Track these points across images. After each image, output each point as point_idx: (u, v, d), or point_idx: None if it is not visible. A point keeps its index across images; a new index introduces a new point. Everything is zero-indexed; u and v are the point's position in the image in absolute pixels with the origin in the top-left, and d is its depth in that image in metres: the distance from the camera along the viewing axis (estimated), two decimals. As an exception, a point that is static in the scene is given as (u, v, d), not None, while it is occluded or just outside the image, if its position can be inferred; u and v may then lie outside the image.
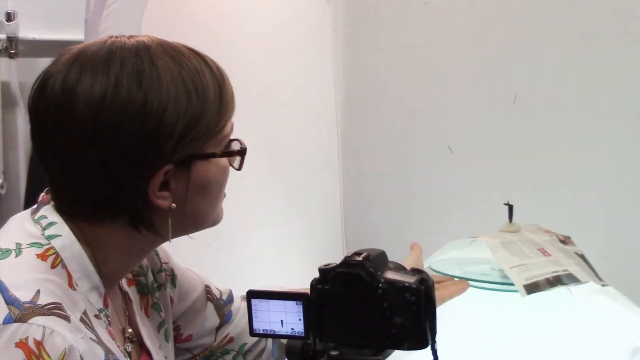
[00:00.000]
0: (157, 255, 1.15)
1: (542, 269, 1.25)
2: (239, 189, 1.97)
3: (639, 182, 1.74)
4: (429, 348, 0.89)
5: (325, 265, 0.91)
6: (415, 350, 0.89)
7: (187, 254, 1.79)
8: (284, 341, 1.21)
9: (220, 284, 1.24)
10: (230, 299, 1.23)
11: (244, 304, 1.23)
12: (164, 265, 1.15)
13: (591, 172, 1.84)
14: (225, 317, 1.21)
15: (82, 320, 0.90)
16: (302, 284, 0.99)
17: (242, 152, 1.02)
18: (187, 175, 0.96)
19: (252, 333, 0.96)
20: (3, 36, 2.08)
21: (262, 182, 2.03)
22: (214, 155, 0.97)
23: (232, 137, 1.01)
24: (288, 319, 0.93)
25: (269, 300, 0.94)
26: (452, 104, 2.05)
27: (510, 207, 1.39)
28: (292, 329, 0.93)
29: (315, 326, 0.92)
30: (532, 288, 1.22)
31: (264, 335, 0.96)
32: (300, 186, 2.16)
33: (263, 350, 1.23)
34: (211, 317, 1.20)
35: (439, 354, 0.90)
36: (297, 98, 2.15)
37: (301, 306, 0.92)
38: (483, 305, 1.33)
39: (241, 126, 2.16)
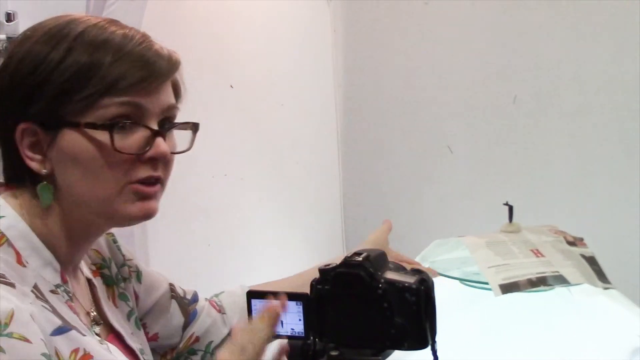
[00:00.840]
0: (120, 250, 1.15)
1: (526, 270, 1.26)
2: (239, 189, 1.98)
3: (638, 181, 1.75)
4: (429, 348, 0.89)
5: (325, 266, 0.91)
6: (415, 350, 0.89)
7: (187, 254, 1.79)
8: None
9: (190, 286, 1.24)
10: (195, 298, 1.23)
11: (208, 304, 1.24)
12: (127, 262, 1.15)
13: (591, 172, 1.84)
14: (189, 315, 1.21)
15: (32, 293, 0.89)
16: (302, 284, 0.99)
17: (110, 127, 0.92)
18: (54, 141, 0.94)
19: (252, 333, 0.95)
20: (3, 36, 2.08)
21: (262, 182, 2.03)
22: (77, 125, 0.92)
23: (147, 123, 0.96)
24: (288, 319, 0.93)
25: (269, 301, 0.94)
26: (452, 104, 2.05)
27: (510, 208, 1.39)
28: (292, 329, 0.93)
29: (315, 326, 0.92)
30: (509, 288, 1.22)
31: (264, 336, 0.96)
32: (300, 186, 2.16)
33: None
34: (176, 316, 1.19)
35: (439, 354, 0.90)
36: (297, 98, 2.15)
37: (301, 306, 0.92)
38: (483, 305, 1.32)
39: (242, 126, 2.17)
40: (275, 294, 0.94)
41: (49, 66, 0.92)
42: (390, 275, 0.90)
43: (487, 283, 1.29)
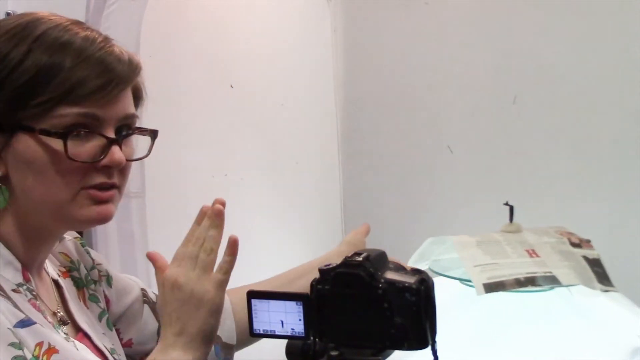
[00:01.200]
0: (89, 253, 1.15)
1: (516, 269, 1.25)
2: (239, 189, 1.98)
3: (638, 181, 1.74)
4: (429, 348, 0.89)
5: (326, 266, 0.91)
6: (415, 350, 0.89)
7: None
8: (229, 341, 1.20)
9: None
10: None
11: None
12: (96, 265, 1.15)
13: (591, 172, 1.84)
14: None
15: None
16: (302, 284, 0.99)
17: (62, 135, 0.92)
18: (10, 145, 0.93)
19: (252, 333, 0.96)
20: (3, 36, 2.08)
21: (262, 182, 2.03)
22: (32, 130, 0.92)
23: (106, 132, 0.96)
24: (288, 319, 0.93)
25: (269, 301, 0.94)
26: (452, 104, 2.05)
27: (511, 208, 1.39)
28: (293, 329, 0.93)
29: (315, 326, 0.92)
30: (493, 287, 1.22)
31: (264, 336, 0.96)
32: (300, 186, 2.16)
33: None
34: (149, 321, 1.19)
35: (439, 354, 0.90)
36: (297, 98, 2.15)
37: (301, 306, 0.92)
38: (483, 305, 1.32)
39: (242, 126, 2.17)
40: (275, 294, 0.94)
41: (7, 67, 0.92)
42: (390, 275, 0.90)
43: (487, 283, 1.29)
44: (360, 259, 0.89)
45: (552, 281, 1.24)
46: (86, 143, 0.94)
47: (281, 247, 2.08)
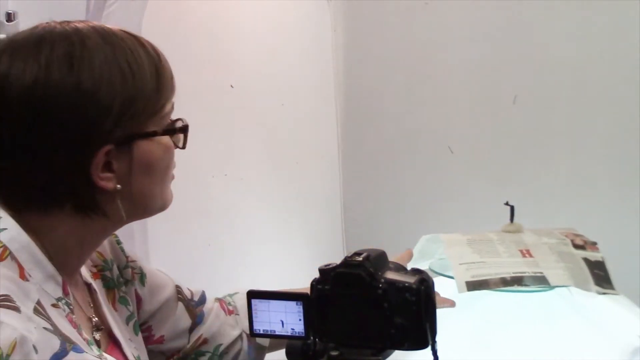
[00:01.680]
0: (123, 251, 1.14)
1: (503, 269, 1.25)
2: (239, 189, 1.98)
3: (638, 181, 1.75)
4: (429, 348, 0.89)
5: (326, 266, 0.91)
6: (415, 350, 0.89)
7: (187, 254, 1.79)
8: (262, 343, 1.21)
9: (192, 286, 1.24)
10: (202, 300, 1.22)
11: (217, 305, 1.23)
12: (130, 263, 1.14)
13: (591, 172, 1.84)
14: (197, 318, 1.20)
15: (35, 310, 0.89)
16: (303, 284, 0.99)
17: (184, 130, 1.00)
18: (129, 155, 0.95)
19: (252, 333, 0.95)
20: (3, 36, 2.08)
21: (262, 182, 2.03)
22: (155, 134, 0.96)
23: (174, 117, 1.01)
24: (288, 319, 0.93)
25: (269, 301, 0.94)
26: (452, 104, 2.05)
27: (511, 208, 1.39)
28: (293, 329, 0.93)
29: (315, 326, 0.92)
30: (477, 285, 1.22)
31: (264, 336, 0.96)
32: (300, 186, 2.16)
33: (239, 352, 1.22)
34: (183, 318, 1.19)
35: (439, 354, 0.90)
36: (297, 98, 2.15)
37: (301, 306, 0.92)
38: (483, 305, 1.32)
39: (242, 126, 2.17)
40: (275, 294, 0.94)
41: (141, 79, 0.95)
42: (391, 275, 0.90)
43: (486, 283, 1.29)
44: (360, 258, 0.89)
45: (541, 281, 1.24)
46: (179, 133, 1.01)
47: (281, 246, 2.08)
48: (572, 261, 1.30)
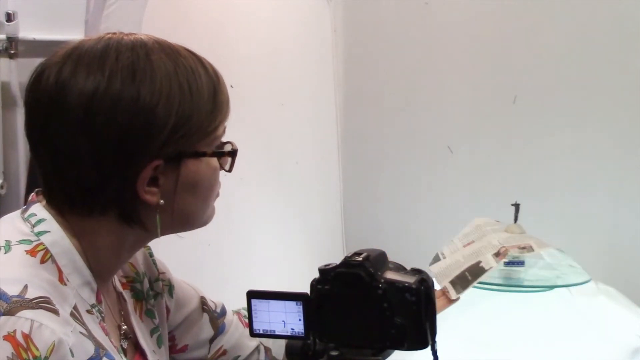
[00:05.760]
0: (155, 265, 1.16)
1: (459, 268, 1.25)
2: (239, 189, 1.98)
3: (639, 180, 1.75)
4: (429, 348, 0.89)
5: (325, 266, 0.91)
6: (415, 350, 0.89)
7: (187, 254, 1.79)
8: (277, 356, 1.22)
9: (214, 297, 1.25)
10: (223, 312, 1.24)
11: (236, 318, 1.25)
12: (161, 276, 1.16)
13: (591, 171, 1.84)
14: (218, 329, 1.22)
15: (72, 314, 0.90)
16: (302, 284, 0.99)
17: (233, 154, 1.02)
18: (176, 173, 0.96)
19: (252, 333, 0.96)
20: (3, 36, 2.08)
21: (262, 182, 2.03)
22: (204, 154, 0.98)
23: (224, 139, 1.02)
24: (288, 319, 0.93)
25: (269, 301, 0.94)
26: (452, 104, 2.05)
27: (517, 207, 1.38)
28: (292, 329, 0.93)
29: (315, 326, 0.92)
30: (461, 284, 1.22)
31: (264, 336, 0.96)
32: (300, 186, 2.16)
33: None
34: (206, 329, 1.21)
35: (439, 354, 0.90)
36: (297, 98, 2.15)
37: (301, 306, 0.92)
38: (483, 305, 1.33)
39: (242, 126, 2.16)
40: (275, 294, 0.94)
41: (184, 113, 0.95)
42: (390, 275, 0.90)
43: (487, 283, 1.29)
44: (360, 258, 0.89)
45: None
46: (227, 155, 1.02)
47: (281, 246, 2.08)
48: (468, 261, 1.28)
